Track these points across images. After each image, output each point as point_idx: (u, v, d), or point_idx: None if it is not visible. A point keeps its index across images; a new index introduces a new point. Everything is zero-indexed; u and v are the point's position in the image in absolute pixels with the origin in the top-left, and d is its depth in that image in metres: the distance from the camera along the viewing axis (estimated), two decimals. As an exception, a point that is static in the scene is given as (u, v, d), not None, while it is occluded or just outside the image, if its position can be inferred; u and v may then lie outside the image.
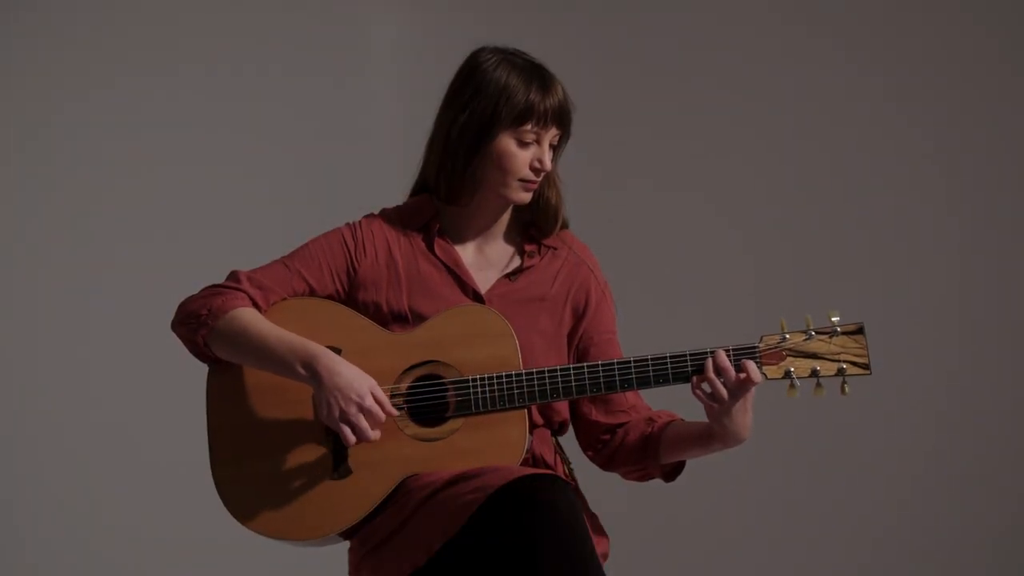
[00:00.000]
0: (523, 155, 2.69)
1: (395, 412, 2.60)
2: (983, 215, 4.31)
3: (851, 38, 4.46)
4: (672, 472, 2.75)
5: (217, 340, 2.65)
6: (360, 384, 2.57)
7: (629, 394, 2.76)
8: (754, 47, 4.57)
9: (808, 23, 4.51)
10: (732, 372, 2.58)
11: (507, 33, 2.97)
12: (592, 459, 2.80)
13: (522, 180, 2.70)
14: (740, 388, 2.59)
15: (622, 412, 2.76)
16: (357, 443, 2.59)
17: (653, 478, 2.76)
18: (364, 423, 2.57)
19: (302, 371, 2.59)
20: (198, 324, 2.65)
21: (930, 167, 4.37)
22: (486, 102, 2.67)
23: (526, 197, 2.73)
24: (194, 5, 4.39)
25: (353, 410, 2.56)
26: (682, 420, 2.73)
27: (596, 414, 2.77)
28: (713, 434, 2.64)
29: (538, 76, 2.69)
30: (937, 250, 4.35)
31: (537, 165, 2.70)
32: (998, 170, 4.30)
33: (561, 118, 2.70)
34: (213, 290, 2.69)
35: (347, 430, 2.57)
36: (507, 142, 2.68)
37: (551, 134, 2.70)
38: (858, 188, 4.44)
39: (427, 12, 4.77)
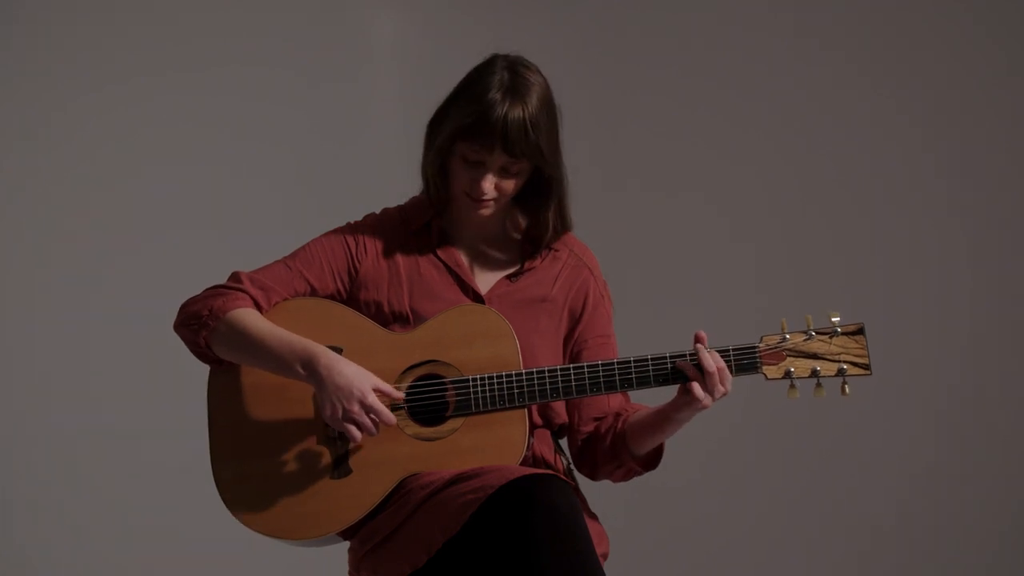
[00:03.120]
0: (464, 174, 2.65)
1: (401, 396, 2.60)
2: (984, 215, 4.31)
3: (852, 39, 4.46)
4: (650, 462, 2.74)
5: (218, 341, 2.65)
6: (361, 381, 2.57)
7: (612, 401, 2.76)
8: (755, 47, 4.57)
9: (809, 24, 4.51)
10: (727, 372, 2.59)
11: (507, 33, 2.97)
12: (580, 470, 2.80)
13: (467, 194, 2.67)
14: (716, 391, 2.60)
15: (600, 418, 2.76)
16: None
17: (635, 472, 2.74)
18: (368, 420, 2.57)
19: (302, 371, 2.59)
20: (199, 325, 2.65)
21: (931, 167, 4.38)
22: (451, 105, 2.65)
23: (478, 215, 2.68)
24: (194, 5, 4.39)
25: (356, 408, 2.57)
26: (644, 409, 2.73)
27: (576, 421, 2.77)
28: (670, 418, 2.63)
29: (503, 93, 2.60)
30: (938, 250, 4.36)
31: (467, 190, 2.65)
32: (998, 170, 4.30)
33: (505, 142, 2.59)
34: (214, 291, 2.69)
35: (352, 429, 2.57)
36: (453, 154, 2.65)
37: (497, 159, 2.62)
38: (858, 188, 4.45)
39: (427, 12, 4.77)
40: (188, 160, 4.36)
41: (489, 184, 2.64)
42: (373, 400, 2.57)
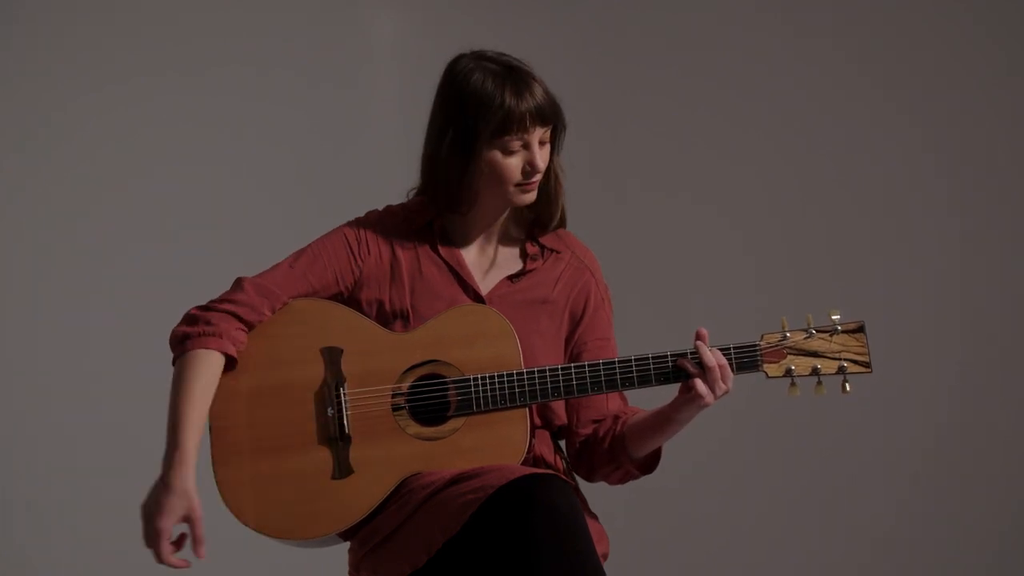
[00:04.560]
0: (512, 162, 2.67)
1: (202, 555, 2.61)
2: (983, 214, 4.32)
3: (851, 38, 4.46)
4: (647, 465, 2.74)
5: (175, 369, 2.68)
6: (173, 509, 2.58)
7: (611, 403, 2.76)
8: (755, 47, 4.57)
9: (808, 23, 4.51)
10: (729, 370, 2.60)
11: (507, 33, 2.98)
12: (576, 471, 2.80)
13: (519, 184, 2.69)
14: (717, 387, 2.60)
15: (598, 421, 2.76)
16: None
17: (632, 475, 2.74)
18: (148, 541, 2.61)
19: (165, 452, 2.62)
20: (172, 347, 2.68)
21: (930, 166, 4.38)
22: (464, 117, 2.65)
23: (528, 198, 2.72)
24: (193, 5, 4.39)
25: (151, 529, 2.59)
26: (643, 412, 2.73)
27: (574, 423, 2.77)
28: (671, 419, 2.63)
29: (511, 82, 2.65)
30: (937, 248, 4.36)
31: (528, 169, 2.68)
32: (998, 169, 4.30)
33: (542, 118, 2.66)
34: (206, 314, 2.67)
35: (144, 539, 2.61)
36: (493, 154, 2.66)
37: (537, 134, 2.67)
38: (858, 187, 4.45)
39: (427, 12, 4.77)
40: (187, 160, 4.36)
41: (541, 157, 2.68)
42: (161, 529, 2.57)
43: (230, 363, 2.67)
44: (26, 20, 4.17)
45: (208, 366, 2.64)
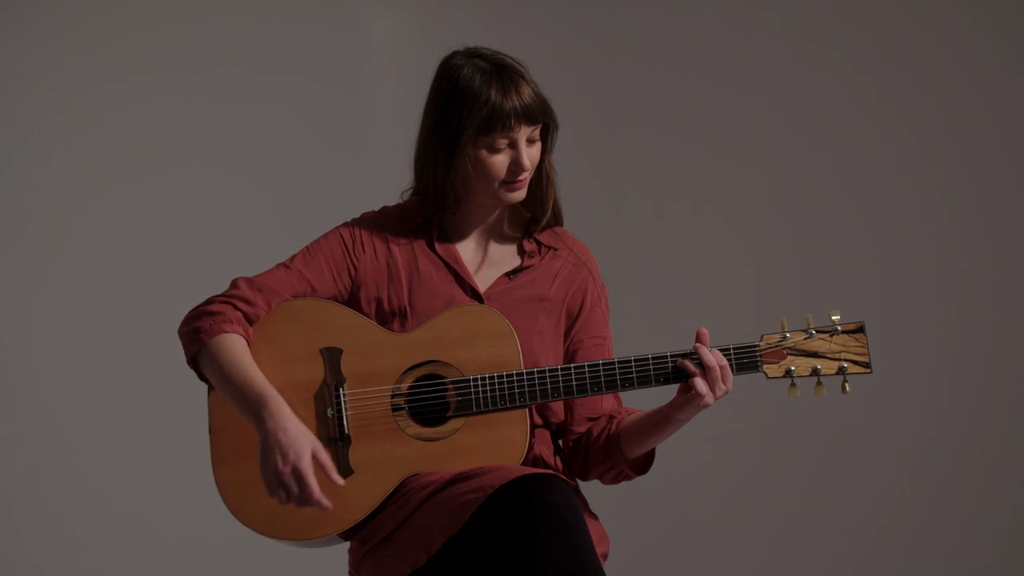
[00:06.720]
0: (498, 160, 2.67)
1: (340, 481, 2.55)
2: (982, 214, 4.32)
3: (848, 40, 4.47)
4: (641, 466, 2.74)
5: (203, 363, 2.65)
6: (302, 444, 2.52)
7: (606, 402, 2.76)
8: (753, 50, 4.58)
9: (805, 26, 4.52)
10: (729, 370, 2.59)
11: (506, 34, 2.97)
12: (571, 469, 2.80)
13: (505, 182, 2.69)
14: (718, 387, 2.59)
15: (594, 419, 2.76)
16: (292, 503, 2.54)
17: (626, 475, 2.74)
18: (294, 487, 2.52)
19: (252, 417, 2.56)
20: (186, 346, 2.66)
21: (929, 167, 4.38)
22: (451, 114, 2.65)
23: (516, 196, 2.71)
24: (193, 7, 4.39)
25: (288, 470, 2.51)
26: (639, 412, 2.73)
27: (569, 421, 2.77)
28: (670, 419, 2.63)
29: (498, 79, 2.64)
30: (937, 249, 4.36)
31: (514, 167, 2.68)
32: (996, 169, 4.31)
33: (529, 116, 2.65)
34: (208, 308, 2.67)
35: (280, 492, 2.53)
36: (479, 151, 2.66)
37: (524, 133, 2.67)
38: (858, 188, 4.45)
39: (427, 13, 4.77)
40: (186, 162, 4.36)
41: (529, 156, 2.67)
42: (305, 467, 2.51)
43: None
44: (26, 20, 4.17)
45: (237, 343, 2.63)
